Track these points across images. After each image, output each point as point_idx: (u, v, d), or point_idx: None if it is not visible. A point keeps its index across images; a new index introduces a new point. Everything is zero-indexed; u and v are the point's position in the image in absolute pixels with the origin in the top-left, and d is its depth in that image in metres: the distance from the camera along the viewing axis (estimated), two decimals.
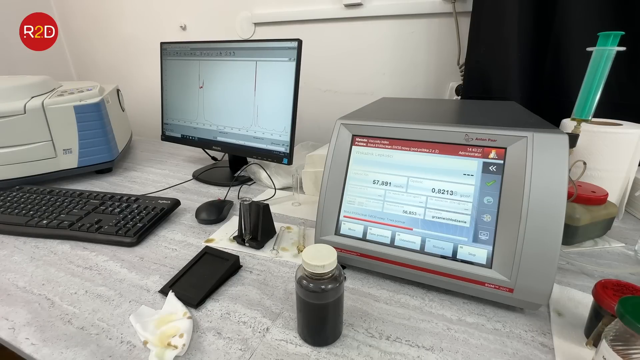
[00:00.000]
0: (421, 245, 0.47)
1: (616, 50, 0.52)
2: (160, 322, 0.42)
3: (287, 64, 0.78)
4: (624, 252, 0.58)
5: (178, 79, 0.99)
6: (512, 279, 0.41)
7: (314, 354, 0.39)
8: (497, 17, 0.81)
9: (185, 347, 0.39)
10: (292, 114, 0.79)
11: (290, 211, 0.75)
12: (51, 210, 0.69)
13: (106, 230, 0.63)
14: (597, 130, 0.65)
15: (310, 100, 1.14)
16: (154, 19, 1.37)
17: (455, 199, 0.46)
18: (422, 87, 1.05)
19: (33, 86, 0.86)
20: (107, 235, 0.62)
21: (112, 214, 0.68)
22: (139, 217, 0.66)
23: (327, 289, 0.37)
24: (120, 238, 0.61)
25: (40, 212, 0.68)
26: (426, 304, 0.47)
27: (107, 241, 0.62)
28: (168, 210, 0.70)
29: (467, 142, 0.46)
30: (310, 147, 0.99)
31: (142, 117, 1.51)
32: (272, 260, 0.57)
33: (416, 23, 0.98)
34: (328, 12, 1.06)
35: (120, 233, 0.62)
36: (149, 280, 0.52)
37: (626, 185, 0.67)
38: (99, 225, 0.64)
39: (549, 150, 0.42)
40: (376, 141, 0.51)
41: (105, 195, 0.75)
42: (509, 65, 0.83)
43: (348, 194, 0.52)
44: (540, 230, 0.40)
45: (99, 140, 0.93)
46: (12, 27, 1.29)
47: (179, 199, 0.74)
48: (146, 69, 1.48)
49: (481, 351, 0.39)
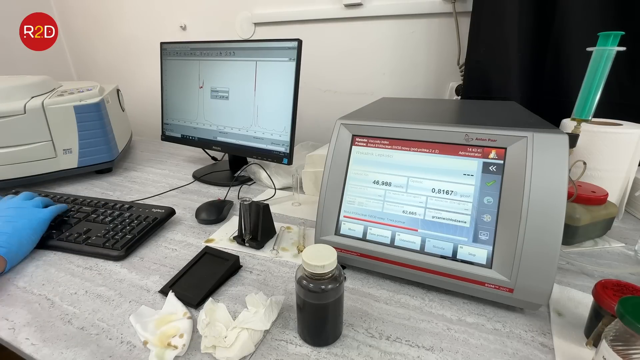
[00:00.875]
0: (421, 246, 0.47)
1: (616, 50, 0.52)
2: (160, 322, 0.42)
3: (287, 64, 0.78)
4: (624, 252, 0.58)
5: (178, 79, 0.99)
6: (512, 279, 0.41)
7: (314, 354, 0.39)
8: (497, 17, 0.81)
9: (185, 347, 0.39)
10: (292, 114, 0.79)
11: (290, 211, 0.75)
12: None
13: (93, 242, 0.59)
14: (597, 130, 0.65)
15: (310, 100, 1.14)
16: (154, 19, 1.37)
17: (455, 199, 0.46)
18: (422, 87, 1.05)
19: (33, 86, 0.86)
20: (94, 247, 0.59)
21: (102, 222, 0.65)
22: (129, 227, 0.63)
23: (327, 289, 0.37)
24: (107, 251, 0.58)
25: None
26: (426, 304, 0.47)
27: (94, 253, 0.58)
28: (161, 220, 0.67)
29: (467, 142, 0.46)
30: (310, 147, 0.99)
31: (142, 117, 1.51)
32: (272, 260, 0.57)
33: (416, 23, 0.98)
34: (328, 12, 1.06)
35: (107, 245, 0.58)
36: (149, 280, 0.52)
37: (626, 185, 0.67)
38: (87, 235, 0.61)
39: (549, 150, 0.42)
40: (376, 141, 0.51)
41: (98, 202, 0.72)
42: (509, 65, 0.83)
43: (348, 194, 0.52)
44: (540, 230, 0.40)
45: (99, 140, 0.93)
46: (12, 27, 1.29)
47: (178, 199, 0.74)
48: (146, 69, 1.48)
49: (481, 351, 0.39)
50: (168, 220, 0.70)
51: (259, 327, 0.40)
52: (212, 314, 0.42)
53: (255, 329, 0.40)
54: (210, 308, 0.43)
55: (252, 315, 0.42)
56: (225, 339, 0.39)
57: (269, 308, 0.42)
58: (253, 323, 0.40)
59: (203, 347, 0.39)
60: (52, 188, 0.88)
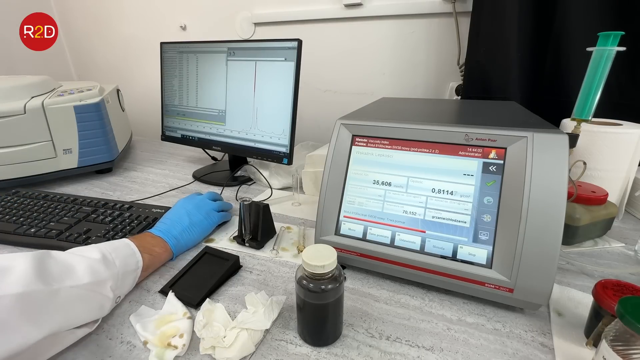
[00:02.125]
0: (421, 246, 0.47)
1: (616, 50, 0.52)
2: (160, 322, 0.42)
3: (287, 64, 0.78)
4: (624, 252, 0.58)
5: (178, 79, 0.99)
6: (512, 279, 0.41)
7: (314, 354, 0.39)
8: (497, 17, 0.81)
9: (185, 347, 0.39)
10: (292, 114, 0.79)
11: (290, 211, 0.75)
12: (42, 218, 0.66)
13: (93, 242, 0.59)
14: (597, 130, 0.65)
15: (310, 100, 1.14)
16: (154, 19, 1.37)
17: (455, 199, 0.46)
18: (422, 87, 1.05)
19: (33, 86, 0.86)
20: None
21: (102, 222, 0.65)
22: (129, 227, 0.63)
23: (327, 289, 0.37)
24: None
25: (31, 219, 0.65)
26: (426, 304, 0.47)
27: None
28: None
29: (467, 142, 0.46)
30: (310, 147, 0.99)
31: (142, 117, 1.51)
32: (272, 260, 0.57)
33: (416, 23, 0.98)
34: (328, 12, 1.06)
35: None
36: (149, 280, 0.52)
37: (626, 185, 0.67)
38: (87, 235, 0.61)
39: (549, 150, 0.42)
40: (376, 141, 0.51)
41: (98, 202, 0.72)
42: (509, 65, 0.83)
43: (348, 194, 0.52)
44: (540, 230, 0.40)
45: (99, 140, 0.93)
46: (12, 27, 1.29)
47: (178, 199, 0.74)
48: (146, 69, 1.48)
49: (481, 351, 0.39)
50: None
51: (258, 327, 0.40)
52: (209, 315, 0.42)
53: (255, 328, 0.40)
54: (208, 309, 0.43)
55: (251, 315, 0.41)
56: (224, 339, 0.38)
57: (269, 307, 0.42)
58: (252, 323, 0.40)
59: (202, 349, 0.38)
60: (52, 188, 0.88)
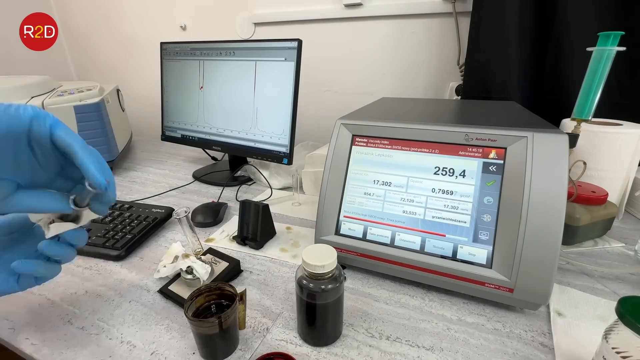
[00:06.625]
0: (421, 245, 0.47)
1: (616, 50, 0.52)
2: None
3: (287, 64, 0.78)
4: (624, 252, 0.58)
5: (178, 79, 0.99)
6: (512, 279, 0.41)
7: (314, 354, 0.39)
8: (497, 17, 0.81)
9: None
10: (292, 114, 0.79)
11: (290, 211, 0.75)
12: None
13: (93, 242, 0.59)
14: (597, 130, 0.65)
15: (310, 100, 1.14)
16: (154, 19, 1.37)
17: (455, 199, 0.46)
18: (422, 87, 1.05)
19: (33, 86, 0.86)
20: (94, 247, 0.59)
21: (102, 222, 0.65)
22: (129, 227, 0.63)
23: (327, 289, 0.37)
24: (107, 251, 0.58)
25: None
26: (426, 304, 0.47)
27: (94, 253, 0.58)
28: (161, 220, 0.67)
29: (467, 142, 0.46)
30: (310, 147, 0.99)
31: (142, 117, 1.51)
32: (272, 260, 0.57)
33: (416, 23, 0.98)
34: (328, 12, 1.06)
35: (107, 245, 0.58)
36: (149, 280, 0.52)
37: (626, 185, 0.67)
38: (87, 235, 0.62)
39: (549, 150, 0.42)
40: (376, 141, 0.51)
41: None
42: (509, 65, 0.83)
43: (348, 194, 0.52)
44: (540, 230, 0.40)
45: (99, 140, 0.92)
46: (12, 27, 1.29)
47: (178, 199, 0.74)
48: (146, 69, 1.48)
49: (481, 351, 0.39)
50: (168, 220, 0.70)
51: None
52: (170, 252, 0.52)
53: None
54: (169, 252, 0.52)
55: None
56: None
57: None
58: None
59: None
60: None
